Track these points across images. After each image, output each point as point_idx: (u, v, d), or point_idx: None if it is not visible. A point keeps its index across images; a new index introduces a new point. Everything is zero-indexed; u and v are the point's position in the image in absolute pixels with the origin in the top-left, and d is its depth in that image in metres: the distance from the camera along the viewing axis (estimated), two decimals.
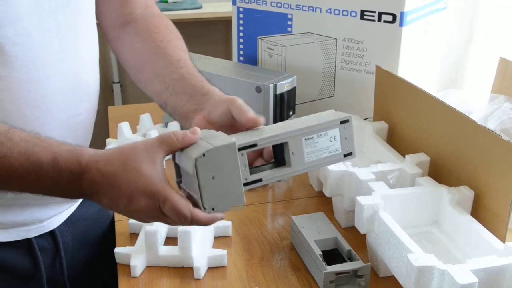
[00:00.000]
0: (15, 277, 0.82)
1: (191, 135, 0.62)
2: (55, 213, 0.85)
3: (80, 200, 0.92)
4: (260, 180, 0.62)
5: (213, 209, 0.60)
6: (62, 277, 0.88)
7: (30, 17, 0.70)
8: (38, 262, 0.83)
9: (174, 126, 1.13)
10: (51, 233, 0.86)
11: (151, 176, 0.61)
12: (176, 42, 0.85)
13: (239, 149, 0.60)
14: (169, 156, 0.63)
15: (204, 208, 0.60)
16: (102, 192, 0.62)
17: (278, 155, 0.65)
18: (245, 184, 0.61)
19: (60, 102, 0.76)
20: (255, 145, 0.61)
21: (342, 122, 0.65)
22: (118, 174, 0.61)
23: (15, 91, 0.71)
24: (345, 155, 0.66)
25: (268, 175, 0.63)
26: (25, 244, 0.82)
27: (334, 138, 0.64)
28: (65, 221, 0.88)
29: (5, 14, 0.67)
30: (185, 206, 0.61)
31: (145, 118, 1.18)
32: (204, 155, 0.57)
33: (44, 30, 0.73)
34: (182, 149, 0.61)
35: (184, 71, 0.78)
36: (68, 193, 0.65)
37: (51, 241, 0.86)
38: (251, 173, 0.62)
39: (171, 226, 0.86)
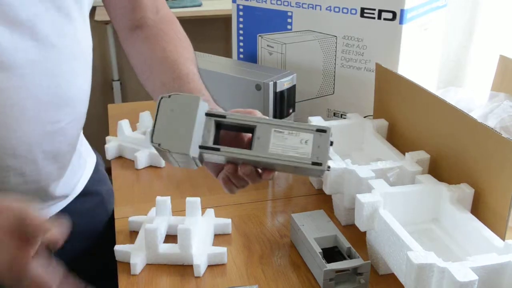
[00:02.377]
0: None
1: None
2: (44, 206, 0.84)
3: (76, 193, 0.91)
4: (217, 149, 0.63)
5: (159, 144, 0.61)
6: None
7: (2, 26, 0.69)
8: None
9: None
10: None
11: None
12: (186, 53, 0.85)
13: (208, 114, 0.64)
14: None
15: (152, 141, 0.62)
16: None
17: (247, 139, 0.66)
18: (202, 147, 0.63)
19: (35, 110, 0.74)
20: (224, 116, 0.64)
21: (318, 130, 0.64)
22: None
23: None
24: (314, 163, 0.62)
25: (228, 149, 0.64)
26: None
27: (306, 142, 0.63)
28: (58, 213, 0.87)
29: None
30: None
31: (145, 116, 1.18)
32: (169, 96, 0.63)
33: (19, 40, 0.70)
34: None
35: (192, 87, 0.78)
36: None
37: None
38: (214, 142, 0.64)
39: (171, 223, 0.86)
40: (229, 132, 0.69)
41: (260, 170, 0.68)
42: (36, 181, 0.78)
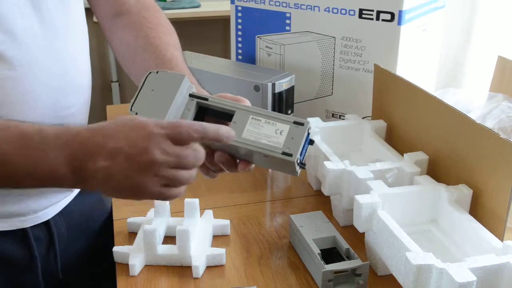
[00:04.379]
0: (11, 268, 0.82)
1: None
2: (50, 204, 0.85)
3: (75, 192, 0.91)
4: None
5: (136, 113, 0.63)
6: (56, 268, 0.88)
7: (12, 14, 0.70)
8: (33, 252, 0.83)
9: None
10: (46, 223, 0.85)
11: (147, 119, 0.60)
12: (169, 39, 0.84)
13: (191, 95, 0.66)
14: None
15: (130, 109, 0.64)
16: (97, 151, 0.58)
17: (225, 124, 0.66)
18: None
19: (47, 97, 0.76)
20: (206, 99, 0.66)
21: (296, 122, 0.63)
22: (112, 125, 0.59)
23: None
24: (284, 153, 0.62)
25: None
26: (21, 234, 0.82)
27: (281, 133, 0.63)
28: (60, 212, 0.88)
29: None
30: (187, 121, 0.61)
31: None
32: (157, 72, 0.66)
33: (27, 26, 0.72)
34: None
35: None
36: (55, 166, 0.59)
37: (46, 231, 0.86)
38: (194, 120, 0.65)
39: (169, 225, 0.86)
40: (214, 121, 0.68)
41: (237, 161, 0.67)
42: None
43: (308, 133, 0.64)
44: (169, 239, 0.85)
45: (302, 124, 0.63)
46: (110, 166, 0.58)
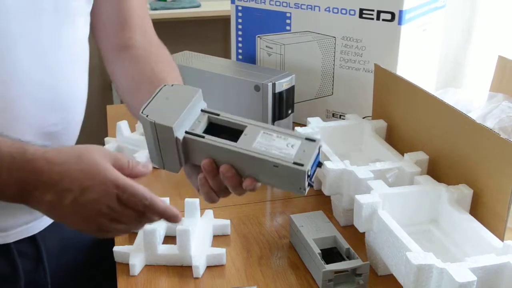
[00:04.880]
0: None
1: (142, 168, 0.66)
2: (34, 218, 0.84)
3: None
4: (202, 136, 0.64)
5: (147, 115, 0.64)
6: (45, 283, 0.86)
7: (12, 17, 0.69)
8: (16, 267, 0.82)
9: None
10: (32, 238, 0.84)
11: (108, 167, 0.61)
12: (175, 75, 0.84)
13: (203, 111, 0.67)
14: None
15: (141, 112, 0.64)
16: (48, 185, 0.59)
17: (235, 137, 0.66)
18: (188, 132, 0.65)
19: (33, 109, 0.74)
20: (218, 114, 0.66)
21: (307, 139, 0.63)
22: (71, 163, 0.60)
23: None
24: (295, 163, 0.61)
25: (212, 138, 0.64)
26: (3, 249, 0.81)
27: (292, 146, 0.62)
28: (51, 225, 0.86)
29: None
30: (144, 189, 0.63)
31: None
32: (172, 85, 0.67)
33: (25, 33, 0.71)
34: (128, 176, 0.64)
35: None
36: (4, 188, 0.60)
37: (32, 246, 0.84)
38: (204, 132, 0.65)
39: (170, 225, 0.86)
40: (224, 136, 0.68)
41: (243, 179, 0.65)
42: None
43: (319, 152, 0.63)
44: (170, 239, 0.85)
45: (314, 141, 0.63)
46: (56, 203, 0.61)
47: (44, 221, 0.85)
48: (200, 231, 0.85)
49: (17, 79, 0.72)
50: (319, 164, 0.64)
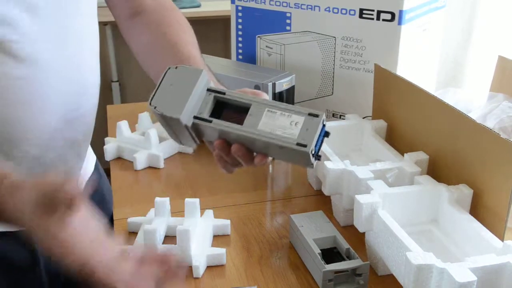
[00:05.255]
0: (12, 269, 0.82)
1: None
2: None
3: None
4: (210, 121, 0.65)
5: (155, 107, 0.64)
6: (57, 269, 0.87)
7: (29, 15, 0.70)
8: (35, 253, 0.83)
9: None
10: None
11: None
12: (187, 37, 0.85)
13: (208, 90, 0.67)
14: None
15: (149, 104, 0.65)
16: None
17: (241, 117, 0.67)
18: (196, 117, 0.65)
19: (57, 100, 0.76)
20: (223, 93, 0.67)
21: (310, 114, 0.64)
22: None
23: (7, 87, 0.71)
24: (298, 144, 0.62)
25: (219, 122, 0.65)
26: (23, 235, 0.82)
27: (296, 124, 0.63)
28: None
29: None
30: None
31: (144, 117, 1.18)
32: (176, 67, 0.67)
33: (44, 29, 0.72)
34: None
35: None
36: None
37: None
38: (210, 116, 0.66)
39: (170, 224, 0.86)
40: (231, 115, 0.69)
41: (254, 154, 0.68)
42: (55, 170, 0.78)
43: (324, 125, 0.64)
44: (170, 239, 0.85)
45: (317, 116, 0.64)
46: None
47: None
48: (200, 231, 0.85)
49: (42, 72, 0.73)
50: (326, 134, 0.65)
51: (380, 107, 1.04)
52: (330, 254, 0.78)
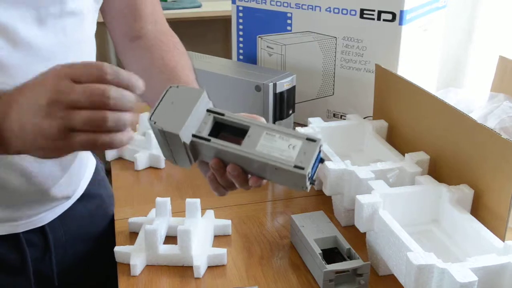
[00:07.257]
0: (1, 270, 0.82)
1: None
2: (46, 209, 0.85)
3: (76, 196, 0.91)
4: (208, 140, 0.66)
5: (155, 122, 0.65)
6: (51, 273, 0.88)
7: (27, 26, 0.70)
8: (25, 256, 0.83)
9: None
10: (41, 228, 0.85)
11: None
12: (184, 61, 0.86)
13: (208, 110, 0.68)
14: None
15: (149, 119, 0.65)
16: (9, 101, 0.57)
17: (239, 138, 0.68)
18: (195, 136, 0.66)
19: None
20: (222, 114, 0.68)
21: (308, 139, 0.65)
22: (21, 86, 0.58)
23: None
24: (295, 166, 0.63)
25: (218, 141, 0.66)
26: (12, 238, 0.82)
27: (293, 147, 0.64)
28: (60, 216, 0.87)
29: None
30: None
31: (145, 117, 1.18)
32: (178, 87, 0.67)
33: (44, 39, 0.72)
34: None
35: None
36: None
37: (41, 236, 0.86)
38: (208, 135, 0.67)
39: (171, 225, 0.86)
40: (229, 135, 0.69)
41: (249, 176, 0.68)
42: (39, 182, 0.78)
43: (320, 151, 0.65)
44: (171, 239, 0.85)
45: (314, 141, 0.65)
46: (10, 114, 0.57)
47: (53, 213, 0.87)
48: (201, 231, 0.85)
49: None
50: (321, 161, 0.66)
51: (381, 107, 1.04)
52: (331, 254, 0.78)
